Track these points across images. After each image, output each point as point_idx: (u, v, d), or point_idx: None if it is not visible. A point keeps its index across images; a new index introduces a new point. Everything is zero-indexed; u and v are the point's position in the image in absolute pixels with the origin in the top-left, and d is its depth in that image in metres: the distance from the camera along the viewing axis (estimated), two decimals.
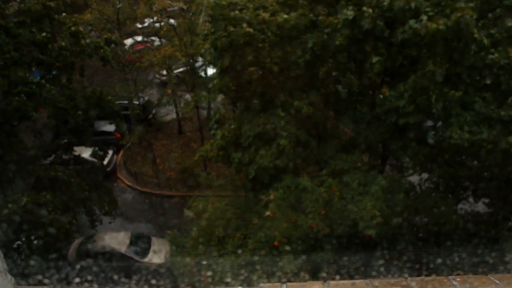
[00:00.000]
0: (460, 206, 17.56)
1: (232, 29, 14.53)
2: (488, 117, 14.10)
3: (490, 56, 14.00)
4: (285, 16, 14.87)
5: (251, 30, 14.49)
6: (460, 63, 14.55)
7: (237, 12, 14.79)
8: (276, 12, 15.38)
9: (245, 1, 15.49)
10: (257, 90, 15.90)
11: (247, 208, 16.68)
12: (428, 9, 13.85)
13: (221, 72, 15.39)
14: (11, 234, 15.75)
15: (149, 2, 26.79)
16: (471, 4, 14.05)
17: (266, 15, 14.89)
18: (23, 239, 16.68)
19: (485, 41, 13.72)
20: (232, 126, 16.01)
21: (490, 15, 14.99)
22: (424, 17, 13.57)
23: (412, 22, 13.63)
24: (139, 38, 33.87)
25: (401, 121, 14.44)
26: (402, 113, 14.37)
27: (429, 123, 15.73)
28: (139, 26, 32.44)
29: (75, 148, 22.48)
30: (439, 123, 15.29)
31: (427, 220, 16.85)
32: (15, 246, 16.77)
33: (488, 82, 15.19)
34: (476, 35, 13.52)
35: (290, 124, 15.20)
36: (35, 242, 16.76)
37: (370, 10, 13.95)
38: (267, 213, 14.57)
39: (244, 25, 14.50)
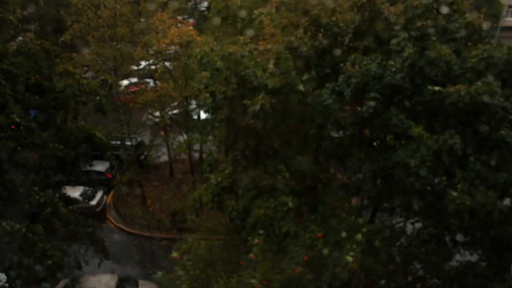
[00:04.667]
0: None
1: (249, 102, 14.20)
2: (484, 179, 14.29)
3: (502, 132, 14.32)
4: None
5: (267, 101, 14.11)
6: (473, 132, 14.69)
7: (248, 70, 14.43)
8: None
9: (254, 54, 15.35)
10: (253, 139, 15.82)
11: (234, 251, 16.55)
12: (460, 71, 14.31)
13: (219, 122, 15.37)
14: None
15: (147, 45, 27.27)
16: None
17: (282, 81, 14.52)
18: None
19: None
20: (226, 171, 15.99)
21: None
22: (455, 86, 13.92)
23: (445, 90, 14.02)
24: (134, 80, 34.28)
25: (411, 179, 14.18)
26: (414, 173, 14.19)
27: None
28: (135, 68, 32.91)
29: (65, 187, 22.29)
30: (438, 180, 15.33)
31: (421, 272, 16.84)
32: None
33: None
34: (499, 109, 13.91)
35: (290, 179, 15.20)
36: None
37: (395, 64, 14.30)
38: (250, 255, 14.58)
39: (261, 96, 14.17)
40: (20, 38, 29.93)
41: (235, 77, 14.40)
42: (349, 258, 13.58)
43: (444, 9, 15.03)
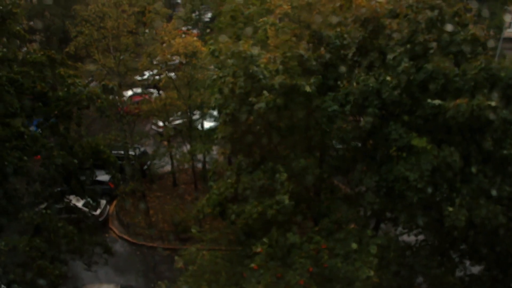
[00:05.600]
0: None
1: (254, 99, 14.38)
2: (487, 191, 14.22)
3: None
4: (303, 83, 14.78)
5: (272, 99, 14.26)
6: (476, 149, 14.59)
7: (256, 69, 14.65)
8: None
9: (263, 56, 15.52)
10: (258, 141, 15.84)
11: (238, 262, 16.45)
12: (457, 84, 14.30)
13: (225, 120, 15.40)
14: None
15: (151, 55, 27.42)
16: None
17: (288, 81, 14.68)
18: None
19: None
20: (229, 180, 15.97)
21: None
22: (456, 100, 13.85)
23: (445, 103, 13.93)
24: (138, 90, 34.40)
25: (409, 193, 14.18)
26: (413, 187, 14.18)
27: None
28: (139, 78, 33.02)
29: (69, 196, 22.31)
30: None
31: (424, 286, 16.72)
32: None
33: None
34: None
35: (289, 181, 15.16)
36: None
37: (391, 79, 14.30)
38: (252, 265, 14.48)
39: (266, 94, 14.33)
40: (25, 49, 30.17)
41: (244, 74, 14.58)
42: (369, 272, 13.41)
43: (449, 27, 14.98)
